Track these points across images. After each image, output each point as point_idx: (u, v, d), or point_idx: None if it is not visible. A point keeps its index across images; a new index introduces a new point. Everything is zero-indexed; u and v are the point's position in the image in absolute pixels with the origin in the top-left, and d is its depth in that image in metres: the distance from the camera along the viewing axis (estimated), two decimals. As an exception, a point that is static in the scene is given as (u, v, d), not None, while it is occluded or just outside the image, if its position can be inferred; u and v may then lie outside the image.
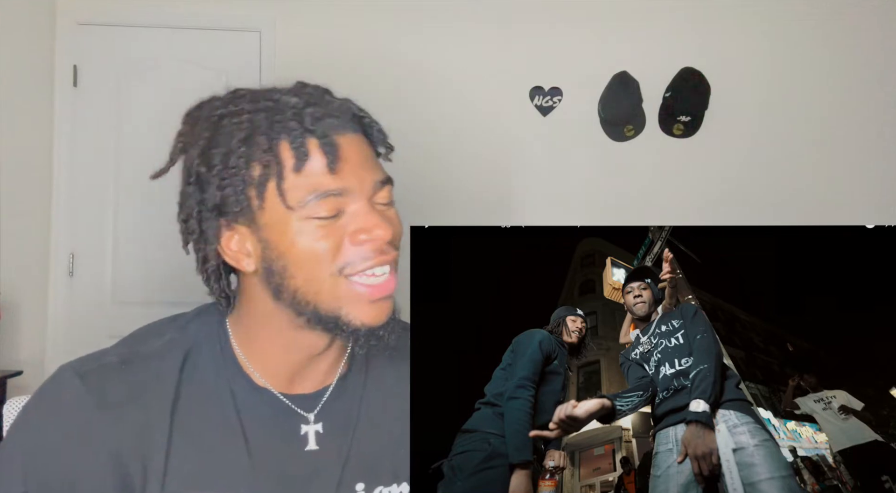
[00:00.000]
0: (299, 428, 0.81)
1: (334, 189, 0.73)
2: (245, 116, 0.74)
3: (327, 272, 0.74)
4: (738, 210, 3.23)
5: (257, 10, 3.12)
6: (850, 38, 3.28)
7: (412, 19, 3.16)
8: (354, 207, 0.75)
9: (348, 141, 0.75)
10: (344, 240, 0.74)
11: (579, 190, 3.23)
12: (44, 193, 3.04)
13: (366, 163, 0.76)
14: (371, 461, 0.83)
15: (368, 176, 0.76)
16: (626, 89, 3.17)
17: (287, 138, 0.73)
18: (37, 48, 2.99)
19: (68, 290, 3.07)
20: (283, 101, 0.75)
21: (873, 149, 3.29)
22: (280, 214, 0.73)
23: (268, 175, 0.73)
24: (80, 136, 3.06)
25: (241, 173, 0.73)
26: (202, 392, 0.78)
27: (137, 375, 0.77)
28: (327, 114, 0.75)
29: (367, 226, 0.74)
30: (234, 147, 0.73)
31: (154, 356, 0.79)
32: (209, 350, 0.81)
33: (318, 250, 0.73)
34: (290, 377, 0.82)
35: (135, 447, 0.74)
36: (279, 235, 0.74)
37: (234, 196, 0.74)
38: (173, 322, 0.84)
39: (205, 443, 0.76)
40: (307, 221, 0.73)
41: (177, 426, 0.76)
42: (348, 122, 0.77)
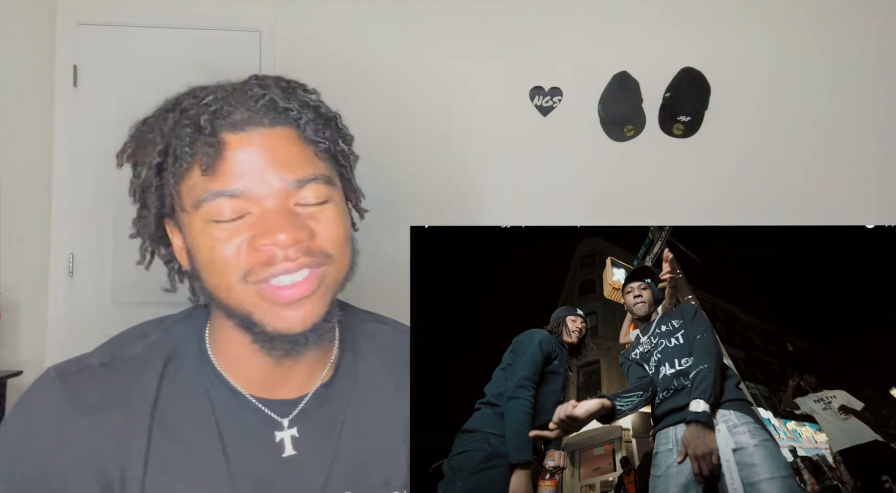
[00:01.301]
0: (274, 434, 0.78)
1: (229, 191, 0.69)
2: (160, 116, 0.74)
3: (234, 278, 0.71)
4: (738, 210, 3.23)
5: (257, 10, 3.12)
6: (850, 38, 3.28)
7: (412, 19, 3.16)
8: (259, 209, 0.70)
9: (256, 136, 0.70)
10: (244, 245, 0.70)
11: (579, 190, 3.23)
12: (44, 193, 3.04)
13: (280, 160, 0.70)
14: (359, 468, 0.80)
15: (280, 176, 0.70)
16: (626, 89, 3.17)
17: (178, 141, 0.70)
18: (37, 48, 2.99)
19: (68, 290, 3.07)
20: (199, 98, 0.72)
21: (873, 149, 3.29)
22: (184, 212, 0.72)
23: (167, 177, 0.72)
24: (80, 136, 3.06)
25: (149, 174, 0.73)
26: (182, 396, 0.77)
27: (118, 378, 0.76)
28: (233, 110, 0.70)
29: (269, 231, 0.69)
30: (148, 149, 0.73)
31: (135, 360, 0.78)
32: (190, 353, 0.80)
33: (219, 253, 0.70)
34: (263, 381, 0.79)
35: (114, 451, 0.72)
36: (190, 237, 0.73)
37: (150, 196, 0.74)
38: (160, 324, 0.83)
39: (184, 448, 0.75)
40: (209, 224, 0.70)
41: (156, 431, 0.74)
42: (263, 116, 0.71)
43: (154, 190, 0.74)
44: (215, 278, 0.72)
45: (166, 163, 0.72)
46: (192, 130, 0.70)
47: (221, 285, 0.72)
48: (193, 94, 0.74)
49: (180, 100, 0.74)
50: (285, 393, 0.80)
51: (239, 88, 0.74)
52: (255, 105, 0.71)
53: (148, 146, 0.74)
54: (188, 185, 0.71)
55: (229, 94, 0.72)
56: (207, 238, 0.71)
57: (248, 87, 0.74)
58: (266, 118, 0.71)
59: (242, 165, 0.69)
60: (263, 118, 0.71)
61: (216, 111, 0.70)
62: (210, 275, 0.72)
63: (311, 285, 0.72)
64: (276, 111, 0.72)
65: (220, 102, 0.71)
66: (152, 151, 0.72)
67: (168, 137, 0.72)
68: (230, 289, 0.71)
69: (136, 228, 0.80)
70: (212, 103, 0.71)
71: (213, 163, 0.68)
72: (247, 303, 0.72)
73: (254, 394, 0.79)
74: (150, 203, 0.75)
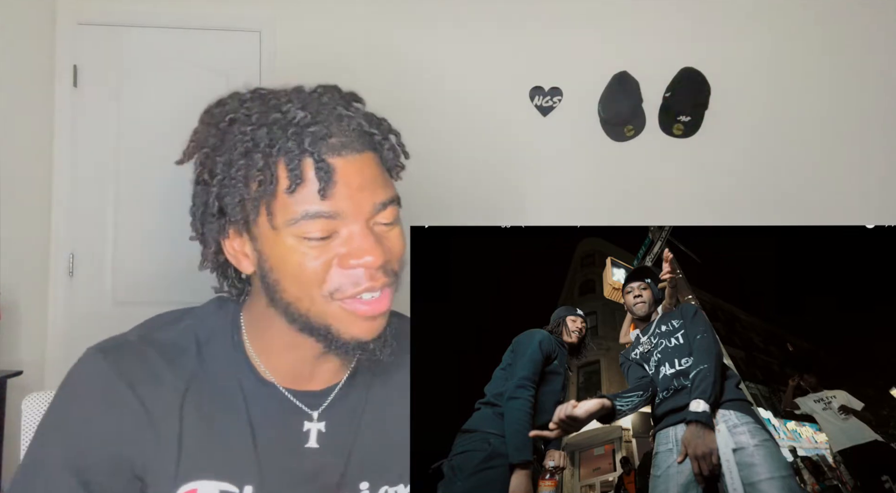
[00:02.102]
0: (302, 425, 0.82)
1: (326, 212, 0.72)
2: (249, 129, 0.74)
3: (318, 293, 0.74)
4: (738, 210, 3.23)
5: (257, 10, 3.12)
6: (850, 38, 3.28)
7: (412, 20, 3.16)
8: (348, 230, 0.73)
9: (350, 162, 0.73)
10: (333, 263, 0.73)
11: (579, 190, 3.23)
12: (44, 193, 3.04)
13: (368, 185, 0.74)
14: (376, 460, 0.84)
15: (367, 199, 0.74)
16: (626, 89, 3.17)
17: (284, 159, 0.72)
18: (37, 48, 2.99)
19: (68, 290, 3.07)
20: (290, 114, 0.74)
21: (873, 149, 3.29)
22: (272, 229, 0.74)
23: (262, 192, 0.73)
24: (80, 136, 3.06)
25: (239, 186, 0.74)
26: (213, 382, 0.80)
27: (154, 358, 0.79)
28: (330, 133, 0.73)
29: (358, 252, 0.73)
30: (235, 159, 0.74)
31: (170, 343, 0.81)
32: (221, 341, 0.83)
33: (307, 270, 0.73)
34: (296, 374, 0.82)
35: (150, 427, 0.76)
36: (271, 249, 0.75)
37: (231, 206, 0.75)
38: (190, 311, 0.86)
39: (214, 432, 0.78)
40: (299, 240, 0.73)
41: (188, 413, 0.77)
42: (355, 140, 0.74)
43: (238, 202, 0.75)
44: (298, 290, 0.75)
45: (266, 177, 0.73)
46: (298, 151, 0.72)
47: (304, 298, 0.75)
48: (275, 106, 0.75)
49: (264, 112, 0.74)
50: (314, 385, 0.83)
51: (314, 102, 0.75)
52: (347, 128, 0.74)
53: (236, 159, 0.74)
54: (282, 203, 0.73)
55: (316, 111, 0.74)
56: (297, 254, 0.73)
57: (328, 105, 0.75)
58: (357, 143, 0.75)
59: (339, 188, 0.72)
60: (355, 143, 0.74)
61: (315, 133, 0.72)
62: (292, 287, 0.75)
63: (387, 303, 0.77)
64: (363, 135, 0.76)
65: (317, 123, 0.73)
66: (249, 167, 0.73)
67: (268, 155, 0.73)
68: (313, 302, 0.75)
69: (199, 231, 0.80)
70: (308, 124, 0.73)
71: (329, 188, 0.71)
72: (327, 315, 0.75)
73: (284, 386, 0.82)
74: (230, 212, 0.76)
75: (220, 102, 0.79)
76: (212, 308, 0.86)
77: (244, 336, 0.83)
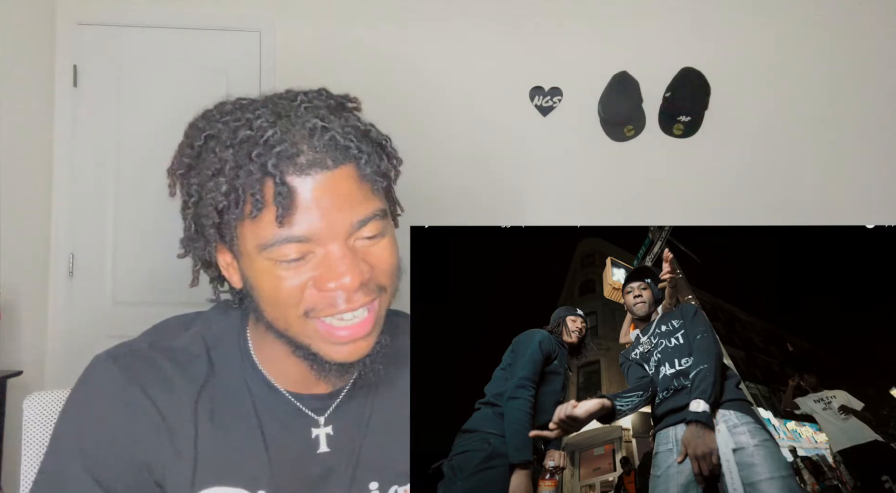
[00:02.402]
0: (310, 431, 0.82)
1: (297, 236, 0.69)
2: (218, 149, 0.71)
3: (294, 315, 0.72)
4: (738, 210, 3.23)
5: (257, 10, 3.12)
6: (850, 38, 3.28)
7: (412, 20, 3.16)
8: (324, 250, 0.71)
9: (321, 181, 0.69)
10: (308, 284, 0.71)
11: (579, 190, 3.23)
12: (44, 193, 3.04)
13: (342, 203, 0.70)
14: (384, 460, 0.84)
15: (343, 218, 0.70)
16: (626, 89, 3.17)
17: (247, 182, 0.69)
18: (37, 48, 2.99)
19: (68, 290, 3.07)
20: (259, 132, 0.70)
21: (873, 149, 3.29)
22: (247, 250, 0.73)
23: (230, 218, 0.71)
24: (80, 136, 3.06)
25: (209, 209, 0.72)
26: (224, 388, 0.80)
27: (165, 364, 0.78)
28: (299, 151, 0.69)
29: (334, 275, 0.70)
30: (205, 181, 0.72)
31: (180, 350, 0.80)
32: (230, 347, 0.82)
33: (282, 292, 0.71)
34: (301, 378, 0.81)
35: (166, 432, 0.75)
36: (248, 269, 0.74)
37: (206, 228, 0.74)
38: (198, 316, 0.86)
39: (228, 437, 0.78)
40: (273, 263, 0.71)
41: (202, 419, 0.77)
42: (327, 156, 0.70)
43: (212, 225, 0.73)
44: (275, 312, 0.74)
45: (230, 202, 0.71)
46: (260, 174, 0.69)
47: (280, 319, 0.74)
48: (247, 123, 0.71)
49: (235, 130, 0.71)
50: (321, 388, 0.83)
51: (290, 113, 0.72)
52: (318, 144, 0.70)
53: (206, 181, 0.72)
54: (252, 227, 0.71)
55: (287, 126, 0.70)
56: (272, 277, 0.72)
57: (303, 115, 0.72)
58: (329, 158, 0.70)
59: (309, 209, 0.69)
60: (327, 158, 0.70)
61: (281, 153, 0.69)
62: (269, 308, 0.74)
63: (367, 327, 0.74)
64: (337, 149, 0.71)
65: (284, 141, 0.69)
66: (214, 190, 0.71)
67: (231, 178, 0.70)
68: (289, 324, 0.74)
69: (186, 249, 0.80)
70: (274, 143, 0.69)
71: (287, 214, 0.68)
72: (306, 335, 0.74)
73: (291, 390, 0.82)
74: (208, 235, 0.75)
75: (204, 115, 0.77)
76: (219, 314, 0.85)
77: (249, 344, 0.83)
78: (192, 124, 0.77)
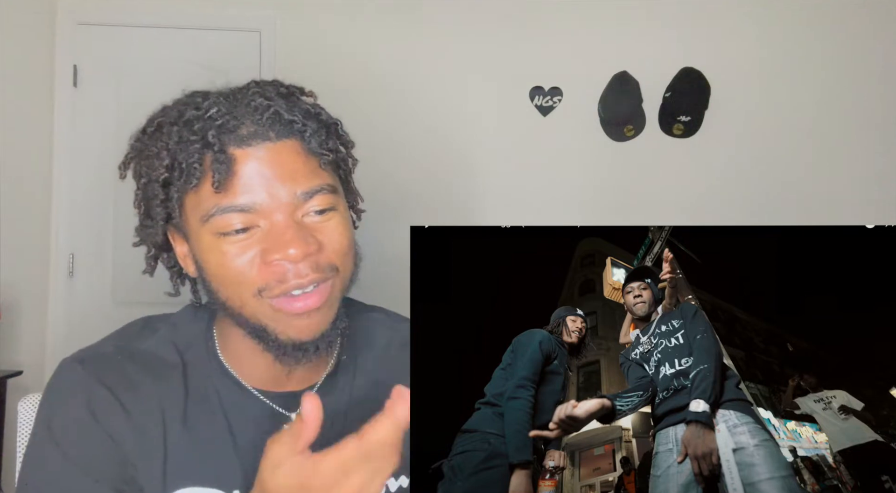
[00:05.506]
0: (282, 428, 0.81)
1: (239, 205, 0.69)
2: (165, 129, 0.73)
3: (247, 293, 0.72)
4: (738, 210, 3.23)
5: (257, 10, 3.12)
6: (850, 38, 3.28)
7: (412, 20, 3.16)
8: (268, 222, 0.70)
9: (263, 151, 0.70)
10: (256, 260, 0.71)
11: (579, 190, 3.23)
12: (44, 193, 3.03)
13: (287, 174, 0.71)
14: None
15: (287, 188, 0.70)
16: (626, 89, 3.17)
17: (188, 154, 0.70)
18: (37, 48, 2.99)
19: (68, 290, 3.07)
20: (202, 110, 0.71)
21: (873, 149, 3.29)
22: (192, 226, 0.73)
23: (173, 191, 0.72)
24: (80, 136, 3.06)
25: (154, 185, 0.73)
26: (192, 390, 0.79)
27: (132, 367, 0.78)
28: (240, 124, 0.70)
29: (280, 245, 0.70)
30: (152, 159, 0.73)
31: (147, 353, 0.80)
32: (197, 348, 0.82)
33: (231, 268, 0.71)
34: (271, 376, 0.81)
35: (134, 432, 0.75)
36: (198, 249, 0.74)
37: (153, 208, 0.74)
38: (166, 319, 0.85)
39: (197, 440, 0.77)
40: (218, 238, 0.71)
41: (169, 420, 0.76)
42: (269, 129, 0.71)
43: (159, 202, 0.74)
44: (227, 291, 0.73)
45: (172, 177, 0.72)
46: (200, 145, 0.70)
47: (233, 298, 0.73)
48: (195, 104, 0.73)
49: (182, 111, 0.73)
50: (292, 386, 0.82)
51: (240, 96, 0.74)
52: (261, 118, 0.71)
53: (152, 159, 0.73)
54: (195, 199, 0.71)
55: (233, 105, 0.72)
56: (217, 253, 0.71)
57: (250, 97, 0.73)
58: (272, 131, 0.71)
59: (251, 179, 0.70)
60: (269, 131, 0.71)
61: (222, 125, 0.70)
62: (221, 287, 0.73)
63: (320, 298, 0.73)
64: (281, 123, 0.72)
65: (226, 115, 0.70)
66: (158, 166, 0.72)
67: (174, 152, 0.71)
68: (244, 303, 0.73)
69: (140, 236, 0.81)
70: (217, 117, 0.70)
71: (224, 180, 0.69)
72: (260, 315, 0.73)
73: (261, 388, 0.81)
74: (155, 215, 0.75)
75: (161, 106, 0.78)
76: (187, 316, 0.85)
77: (217, 344, 0.82)
78: (149, 116, 0.78)
